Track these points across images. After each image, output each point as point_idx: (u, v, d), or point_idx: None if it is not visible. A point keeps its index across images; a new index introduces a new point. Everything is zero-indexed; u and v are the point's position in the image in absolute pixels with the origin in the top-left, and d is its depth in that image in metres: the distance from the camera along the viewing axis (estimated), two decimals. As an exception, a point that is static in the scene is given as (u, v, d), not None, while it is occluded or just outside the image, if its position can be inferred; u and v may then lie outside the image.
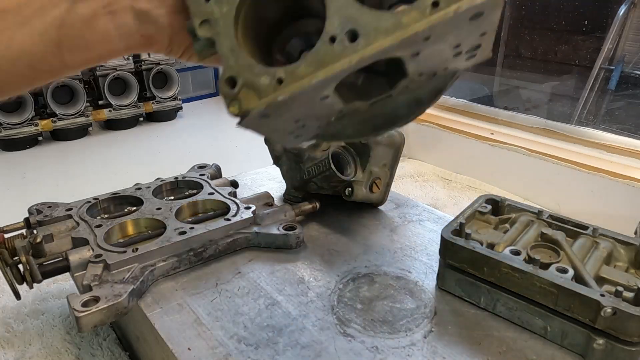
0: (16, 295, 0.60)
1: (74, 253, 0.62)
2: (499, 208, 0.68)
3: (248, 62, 0.36)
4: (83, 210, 0.73)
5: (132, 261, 0.61)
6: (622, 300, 0.47)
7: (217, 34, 0.37)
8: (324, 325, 0.55)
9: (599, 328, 0.48)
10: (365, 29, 0.32)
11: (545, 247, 0.58)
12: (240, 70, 0.36)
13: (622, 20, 1.88)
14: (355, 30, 0.33)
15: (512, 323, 0.55)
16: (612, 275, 0.54)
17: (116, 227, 0.69)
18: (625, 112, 1.92)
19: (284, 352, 0.51)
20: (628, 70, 1.92)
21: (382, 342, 0.52)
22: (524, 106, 2.08)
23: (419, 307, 0.58)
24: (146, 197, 0.77)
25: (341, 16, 0.33)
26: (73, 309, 0.52)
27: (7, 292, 0.83)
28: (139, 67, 1.94)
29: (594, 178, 1.15)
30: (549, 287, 0.50)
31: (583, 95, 1.92)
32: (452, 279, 0.59)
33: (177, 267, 0.64)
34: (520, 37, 2.24)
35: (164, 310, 0.57)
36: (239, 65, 0.36)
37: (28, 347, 0.73)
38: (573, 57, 2.11)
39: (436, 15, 0.30)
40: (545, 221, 0.63)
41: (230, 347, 0.51)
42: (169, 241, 0.64)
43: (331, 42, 0.33)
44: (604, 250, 0.58)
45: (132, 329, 0.67)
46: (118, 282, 0.58)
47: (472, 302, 0.58)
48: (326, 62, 0.33)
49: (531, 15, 2.23)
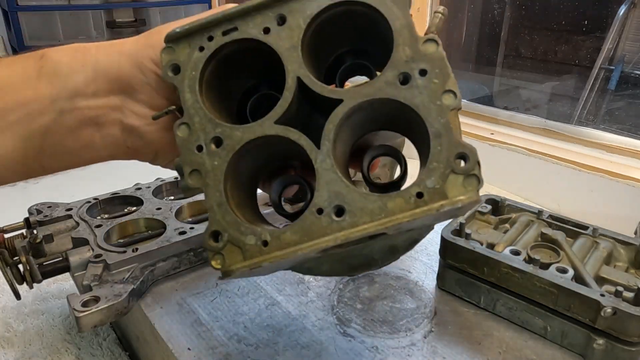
0: (16, 295, 0.60)
1: (74, 253, 0.62)
2: (499, 208, 0.68)
3: (234, 219, 0.36)
4: (83, 210, 0.73)
5: (132, 261, 0.61)
6: (622, 300, 0.47)
7: (206, 185, 0.37)
8: (324, 325, 0.55)
9: (599, 328, 0.48)
10: (352, 207, 0.34)
11: (545, 247, 0.58)
12: (226, 227, 0.36)
13: (622, 20, 1.88)
14: (342, 206, 0.34)
15: (512, 323, 0.55)
16: (612, 275, 0.54)
17: (116, 227, 0.69)
18: (625, 112, 1.92)
19: (284, 352, 0.51)
20: (628, 70, 1.92)
21: (382, 342, 0.52)
22: (524, 106, 2.08)
23: (419, 307, 0.58)
24: (146, 197, 0.77)
25: (329, 191, 0.34)
26: (73, 309, 0.52)
27: (7, 292, 0.83)
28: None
29: (594, 178, 1.15)
30: (548, 287, 0.50)
31: (583, 95, 1.92)
32: (452, 279, 0.59)
33: (177, 267, 0.64)
34: (520, 37, 2.24)
35: (164, 310, 0.57)
36: (225, 221, 0.36)
37: (28, 347, 0.73)
38: (573, 57, 2.10)
39: (420, 210, 0.32)
40: (545, 221, 0.63)
41: (230, 347, 0.51)
42: (169, 241, 0.64)
43: (318, 213, 0.34)
44: (604, 250, 0.58)
45: (132, 329, 0.67)
46: (118, 282, 0.58)
47: (472, 302, 0.58)
48: (312, 234, 0.34)
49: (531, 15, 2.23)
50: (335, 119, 0.35)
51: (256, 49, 0.37)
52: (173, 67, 0.38)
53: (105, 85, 0.38)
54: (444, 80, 0.33)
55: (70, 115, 0.38)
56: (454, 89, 0.33)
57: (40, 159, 0.39)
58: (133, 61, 0.38)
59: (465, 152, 0.32)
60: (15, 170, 0.39)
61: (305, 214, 0.34)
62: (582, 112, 1.90)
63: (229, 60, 0.39)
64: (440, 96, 0.33)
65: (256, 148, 0.37)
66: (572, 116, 1.89)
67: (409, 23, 0.34)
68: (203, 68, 0.37)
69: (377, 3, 0.34)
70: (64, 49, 0.39)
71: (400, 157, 0.40)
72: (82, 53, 0.39)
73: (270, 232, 0.35)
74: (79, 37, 2.58)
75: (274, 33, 0.36)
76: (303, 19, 0.35)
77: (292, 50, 0.36)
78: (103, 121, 0.39)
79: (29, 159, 0.39)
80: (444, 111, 0.33)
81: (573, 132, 1.33)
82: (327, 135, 0.35)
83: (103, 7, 2.60)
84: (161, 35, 0.38)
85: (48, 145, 0.38)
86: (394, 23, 0.34)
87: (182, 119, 0.37)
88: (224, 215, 0.36)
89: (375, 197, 0.33)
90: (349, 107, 0.34)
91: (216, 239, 0.36)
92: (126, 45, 0.39)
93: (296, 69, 0.36)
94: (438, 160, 0.32)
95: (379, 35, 0.36)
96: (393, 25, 0.34)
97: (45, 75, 0.37)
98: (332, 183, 0.34)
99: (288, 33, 0.36)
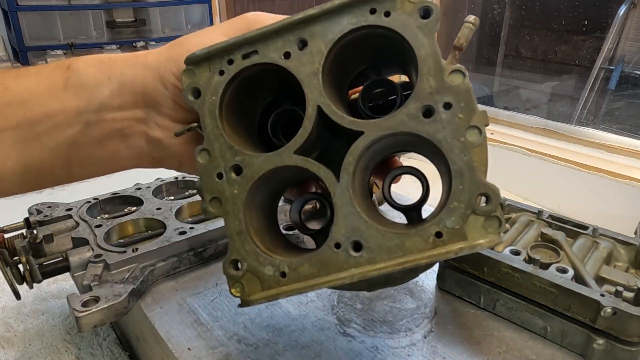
0: (16, 295, 0.60)
1: (74, 253, 0.62)
2: (499, 208, 0.68)
3: (253, 249, 0.36)
4: (83, 210, 0.73)
5: (132, 261, 0.61)
6: (622, 300, 0.47)
7: (226, 213, 0.37)
8: (324, 325, 0.55)
9: (599, 328, 0.48)
10: (369, 243, 0.33)
11: (545, 247, 0.58)
12: (246, 256, 0.36)
13: (622, 20, 1.88)
14: (359, 242, 0.34)
15: (511, 323, 0.55)
16: (612, 275, 0.54)
17: (116, 227, 0.69)
18: (625, 112, 1.92)
19: (284, 352, 0.51)
20: (628, 70, 1.92)
21: (382, 342, 0.52)
22: (524, 106, 2.08)
23: (419, 307, 0.58)
24: (146, 197, 0.77)
25: (347, 225, 0.34)
26: (73, 309, 0.52)
27: (7, 292, 0.83)
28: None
29: (594, 178, 1.15)
30: (548, 287, 0.50)
31: (583, 95, 1.92)
32: (452, 279, 0.59)
33: (177, 267, 0.64)
34: (520, 37, 2.24)
35: (164, 310, 0.57)
36: (244, 250, 0.37)
37: (28, 347, 0.73)
38: (573, 57, 2.11)
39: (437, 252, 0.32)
40: (545, 221, 0.63)
41: (230, 347, 0.51)
42: (169, 241, 0.64)
43: (336, 248, 0.34)
44: (604, 250, 0.58)
45: (132, 329, 0.67)
46: (118, 282, 0.58)
47: (472, 302, 0.58)
48: (329, 268, 0.34)
49: (531, 15, 2.23)
50: (355, 152, 0.34)
51: (276, 71, 0.36)
52: (193, 90, 0.37)
53: (130, 98, 0.39)
54: (469, 116, 0.32)
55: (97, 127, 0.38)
56: (479, 125, 0.32)
57: (67, 168, 0.40)
58: (156, 75, 0.38)
59: (487, 192, 0.31)
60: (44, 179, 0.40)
61: (323, 248, 0.34)
62: (582, 112, 1.90)
63: (249, 82, 0.38)
64: (465, 132, 0.32)
65: (276, 174, 0.37)
66: (572, 116, 1.89)
67: (435, 51, 0.32)
68: (223, 92, 0.37)
69: (402, 29, 0.33)
70: (89, 60, 0.39)
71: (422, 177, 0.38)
72: (108, 65, 0.39)
73: (289, 263, 0.35)
74: (79, 37, 2.58)
75: (295, 58, 0.35)
76: (325, 43, 0.34)
77: (312, 76, 0.35)
78: (128, 133, 0.40)
79: (57, 169, 0.39)
80: (468, 148, 0.32)
81: (573, 132, 1.33)
82: (346, 168, 0.34)
83: (103, 7, 2.61)
84: (183, 48, 0.38)
85: (75, 156, 0.39)
86: (418, 51, 0.32)
87: (202, 145, 0.37)
88: (243, 244, 0.36)
89: (393, 234, 0.33)
90: (370, 140, 0.34)
91: (236, 267, 0.37)
92: (149, 58, 0.39)
93: (316, 97, 0.35)
94: (459, 200, 0.31)
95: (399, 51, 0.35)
96: (418, 53, 0.32)
97: (71, 86, 0.37)
98: (350, 217, 0.34)
99: (309, 58, 0.35)
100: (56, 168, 0.39)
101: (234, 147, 0.36)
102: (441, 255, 0.31)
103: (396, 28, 0.33)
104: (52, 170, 0.39)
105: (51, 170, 0.39)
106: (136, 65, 0.39)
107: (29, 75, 0.38)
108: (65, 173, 0.40)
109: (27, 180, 0.39)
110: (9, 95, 0.37)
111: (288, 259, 0.36)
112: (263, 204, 0.39)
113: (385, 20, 0.33)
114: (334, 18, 0.34)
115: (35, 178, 0.39)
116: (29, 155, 0.37)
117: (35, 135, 0.37)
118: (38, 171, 0.38)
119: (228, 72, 0.36)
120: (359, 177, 0.36)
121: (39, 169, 0.38)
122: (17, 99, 0.37)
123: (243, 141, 0.39)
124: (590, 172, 1.16)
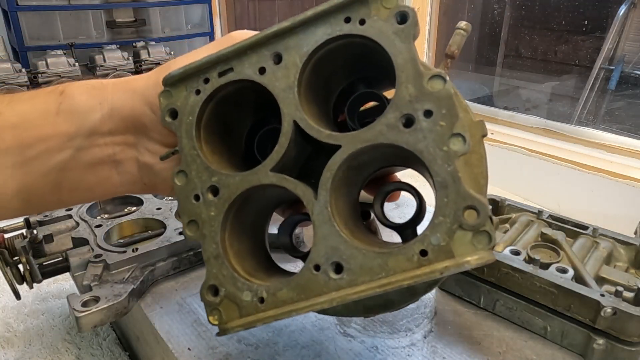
0: (16, 295, 0.60)
1: (74, 253, 0.62)
2: (499, 208, 0.68)
3: (231, 274, 0.35)
4: (83, 210, 0.73)
5: (132, 261, 0.61)
6: (622, 300, 0.47)
7: (202, 236, 0.36)
8: (324, 325, 0.55)
9: (599, 328, 0.48)
10: (350, 264, 0.31)
11: (545, 247, 0.58)
12: (223, 281, 0.35)
13: (622, 20, 1.88)
14: (340, 263, 0.32)
15: (511, 323, 0.55)
16: (612, 275, 0.54)
17: (116, 227, 0.69)
18: (625, 112, 1.92)
19: (284, 352, 0.51)
20: (628, 70, 1.92)
21: (382, 342, 0.52)
22: (524, 106, 2.08)
23: (419, 307, 0.58)
24: (146, 197, 0.77)
25: (326, 246, 0.32)
26: (73, 309, 0.52)
27: (7, 292, 0.83)
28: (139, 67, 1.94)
29: (594, 178, 1.15)
30: (548, 287, 0.50)
31: (583, 95, 1.92)
32: (452, 279, 0.59)
33: (177, 267, 0.64)
34: (520, 37, 2.24)
35: (164, 310, 0.57)
36: (221, 274, 0.35)
37: (28, 347, 0.73)
38: (573, 57, 2.11)
39: (421, 272, 0.29)
40: (545, 221, 0.63)
41: (230, 347, 0.51)
42: (169, 241, 0.64)
43: (315, 270, 0.32)
44: (604, 250, 0.58)
45: (132, 329, 0.67)
46: (118, 282, 0.58)
47: (472, 302, 0.58)
48: (308, 291, 0.33)
49: (531, 15, 2.23)
50: (333, 167, 0.32)
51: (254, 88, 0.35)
52: (170, 111, 0.36)
53: (120, 124, 0.39)
54: (452, 123, 0.29)
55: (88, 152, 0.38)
56: (462, 132, 0.29)
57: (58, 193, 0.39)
58: (144, 100, 0.38)
59: (475, 205, 0.28)
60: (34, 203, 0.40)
61: (303, 270, 0.33)
62: (582, 112, 1.90)
63: (229, 99, 0.37)
64: (447, 141, 0.29)
65: (258, 193, 0.36)
66: (572, 116, 1.89)
67: (413, 57, 0.30)
68: (200, 112, 0.36)
69: (377, 36, 0.31)
70: (82, 85, 0.39)
71: (416, 193, 0.37)
72: (100, 91, 0.39)
73: (267, 288, 0.34)
74: (79, 37, 2.58)
75: (270, 73, 0.34)
76: (300, 56, 0.33)
77: (288, 91, 0.33)
78: (120, 158, 0.40)
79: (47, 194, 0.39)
80: (451, 158, 0.29)
81: (573, 132, 1.33)
82: (324, 184, 0.32)
83: (103, 7, 2.61)
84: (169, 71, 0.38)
85: (66, 181, 0.39)
86: (396, 58, 0.30)
87: (179, 167, 0.36)
88: (220, 269, 0.35)
89: (374, 254, 0.31)
90: (348, 154, 0.32)
91: (215, 293, 0.36)
92: (138, 83, 0.39)
93: (292, 112, 0.33)
94: (444, 214, 0.29)
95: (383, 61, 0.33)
96: (395, 60, 0.30)
97: (63, 112, 0.38)
98: (329, 237, 0.32)
99: (284, 72, 0.33)
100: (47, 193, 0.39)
101: (210, 167, 0.35)
102: (425, 275, 0.29)
103: (372, 36, 0.31)
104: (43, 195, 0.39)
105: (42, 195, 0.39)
106: (126, 91, 0.39)
107: (22, 100, 0.38)
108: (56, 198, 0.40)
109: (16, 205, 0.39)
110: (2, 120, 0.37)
111: (266, 284, 0.34)
112: (247, 225, 0.38)
113: (361, 28, 0.31)
114: (308, 30, 0.33)
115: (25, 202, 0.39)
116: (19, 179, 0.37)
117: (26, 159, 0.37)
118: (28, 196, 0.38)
119: (204, 92, 0.36)
120: (342, 192, 0.34)
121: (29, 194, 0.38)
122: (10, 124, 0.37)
123: (224, 161, 0.38)
124: (590, 172, 1.16)
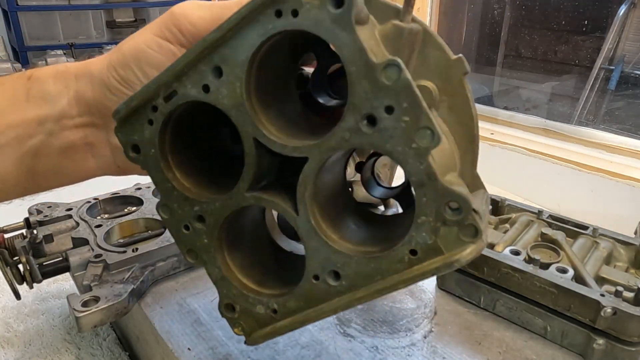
0: (16, 295, 0.60)
1: (74, 253, 0.62)
2: (499, 208, 0.68)
3: (240, 292, 0.36)
4: (83, 210, 0.73)
5: (132, 261, 0.61)
6: (622, 300, 0.47)
7: (203, 262, 0.37)
8: (324, 325, 0.55)
9: (599, 328, 0.47)
10: (345, 272, 0.32)
11: (545, 247, 0.58)
12: (236, 299, 0.37)
13: (622, 20, 1.88)
14: (336, 271, 0.33)
15: (512, 323, 0.55)
16: (612, 275, 0.54)
17: (116, 227, 0.69)
18: (625, 112, 1.92)
19: (284, 352, 0.51)
20: (628, 70, 1.92)
21: (382, 342, 0.52)
22: (524, 106, 2.08)
23: (419, 307, 0.58)
24: (146, 197, 0.77)
25: (319, 257, 0.33)
26: (73, 309, 0.52)
27: (7, 292, 0.83)
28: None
29: (594, 178, 1.15)
30: (548, 287, 0.50)
31: (583, 95, 1.92)
32: (452, 279, 0.59)
33: (177, 267, 0.64)
34: (520, 37, 2.24)
35: (164, 310, 0.57)
36: (232, 294, 0.37)
37: (28, 347, 0.73)
38: (573, 57, 2.11)
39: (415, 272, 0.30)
40: (545, 221, 0.63)
41: (230, 347, 0.51)
42: (169, 241, 0.64)
43: (315, 280, 0.33)
44: (604, 250, 0.58)
45: (132, 329, 0.67)
46: (118, 282, 0.58)
47: (472, 302, 0.58)
48: (313, 300, 0.34)
49: (531, 15, 2.23)
50: (305, 181, 0.31)
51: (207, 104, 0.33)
52: (132, 147, 0.36)
53: (85, 108, 0.39)
54: (416, 116, 0.26)
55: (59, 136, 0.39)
56: (429, 124, 0.26)
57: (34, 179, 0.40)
58: (102, 83, 0.38)
59: (455, 199, 0.27)
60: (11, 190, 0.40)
61: (303, 281, 0.34)
62: (582, 112, 1.90)
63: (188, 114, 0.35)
64: (414, 136, 0.27)
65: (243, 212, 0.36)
66: (572, 116, 1.89)
67: (360, 47, 0.26)
68: (160, 141, 0.34)
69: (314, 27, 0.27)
70: (49, 70, 0.39)
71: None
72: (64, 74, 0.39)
73: (277, 300, 0.35)
74: (79, 37, 2.58)
75: (214, 90, 0.31)
76: (239, 66, 0.30)
77: (239, 107, 0.31)
78: (91, 141, 0.40)
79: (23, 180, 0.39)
80: (422, 155, 0.27)
81: (573, 132, 1.33)
82: (301, 199, 0.32)
83: (103, 7, 2.61)
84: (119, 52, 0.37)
85: (41, 166, 0.39)
86: (341, 51, 0.27)
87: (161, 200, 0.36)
88: (229, 289, 0.37)
89: (366, 259, 0.31)
90: (317, 165, 0.31)
91: (231, 309, 0.37)
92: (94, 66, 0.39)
93: (249, 130, 0.31)
94: (425, 214, 0.28)
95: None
96: (341, 54, 0.27)
97: (32, 97, 0.38)
98: (319, 249, 0.33)
99: (229, 87, 0.31)
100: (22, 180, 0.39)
101: (189, 197, 0.35)
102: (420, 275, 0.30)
103: (308, 28, 0.27)
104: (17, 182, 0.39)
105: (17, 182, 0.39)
106: (85, 75, 0.39)
107: None
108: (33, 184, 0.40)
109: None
110: None
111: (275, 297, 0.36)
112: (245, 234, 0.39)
113: (294, 21, 0.28)
114: (239, 35, 0.30)
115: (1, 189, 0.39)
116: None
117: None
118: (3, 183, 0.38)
119: (157, 120, 0.34)
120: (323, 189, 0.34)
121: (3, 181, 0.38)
122: None
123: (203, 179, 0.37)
124: (590, 172, 1.16)
